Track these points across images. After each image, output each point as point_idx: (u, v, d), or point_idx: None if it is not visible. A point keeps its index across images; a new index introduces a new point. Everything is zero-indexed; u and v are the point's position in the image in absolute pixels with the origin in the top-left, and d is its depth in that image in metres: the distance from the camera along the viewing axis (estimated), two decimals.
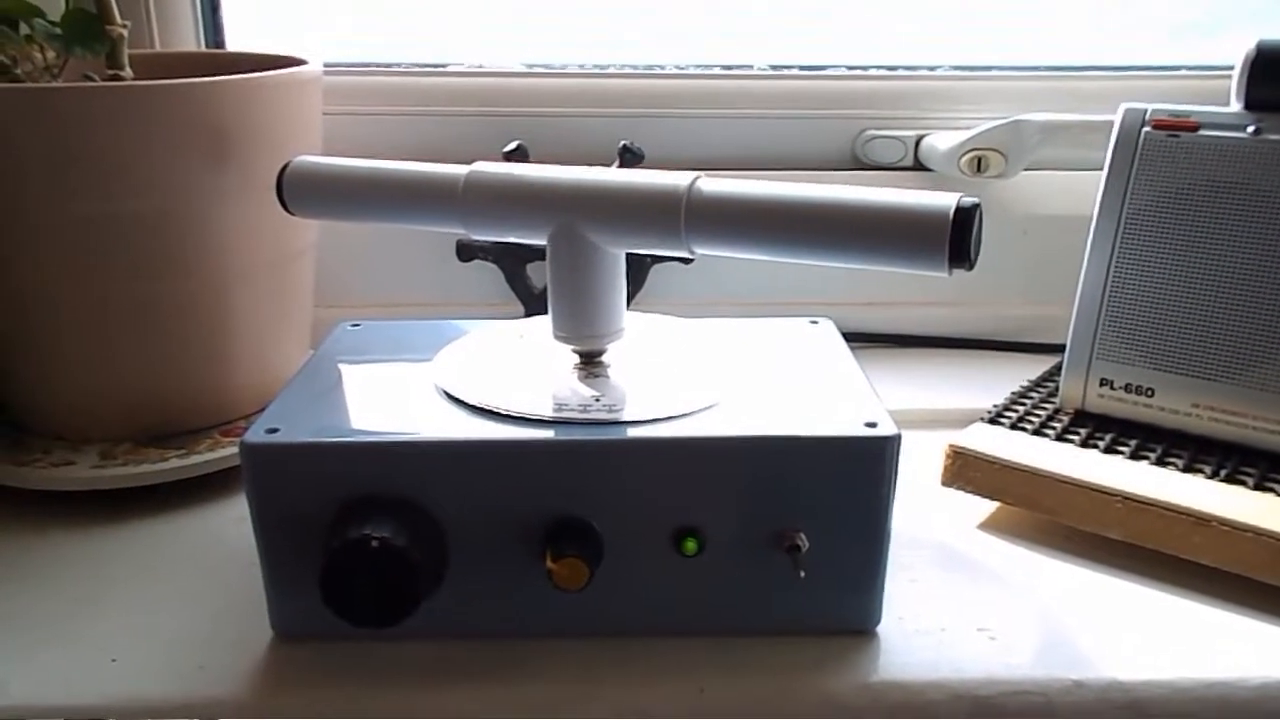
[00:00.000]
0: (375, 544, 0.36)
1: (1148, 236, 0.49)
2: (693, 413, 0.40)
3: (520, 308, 0.67)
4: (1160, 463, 0.48)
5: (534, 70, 0.70)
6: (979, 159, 0.66)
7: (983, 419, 0.52)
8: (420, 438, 0.38)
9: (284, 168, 0.45)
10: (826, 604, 0.40)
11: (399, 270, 0.69)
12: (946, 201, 0.36)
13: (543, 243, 0.42)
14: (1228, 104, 0.49)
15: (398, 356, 0.46)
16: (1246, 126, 0.48)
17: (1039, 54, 0.74)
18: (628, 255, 0.44)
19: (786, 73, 0.71)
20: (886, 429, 0.39)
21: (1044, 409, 0.53)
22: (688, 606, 0.40)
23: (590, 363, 0.44)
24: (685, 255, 0.41)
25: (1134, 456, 0.48)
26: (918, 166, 0.70)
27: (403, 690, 0.39)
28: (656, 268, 0.67)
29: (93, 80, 0.52)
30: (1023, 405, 0.54)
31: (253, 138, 0.50)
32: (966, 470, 0.49)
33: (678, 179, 0.40)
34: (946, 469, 0.50)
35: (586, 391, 0.42)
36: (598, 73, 0.70)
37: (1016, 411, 0.53)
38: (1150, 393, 0.50)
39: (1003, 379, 0.59)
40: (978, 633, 0.41)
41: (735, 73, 0.71)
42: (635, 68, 0.71)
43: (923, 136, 0.70)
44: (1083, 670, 0.39)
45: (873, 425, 0.39)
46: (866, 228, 0.37)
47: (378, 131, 0.68)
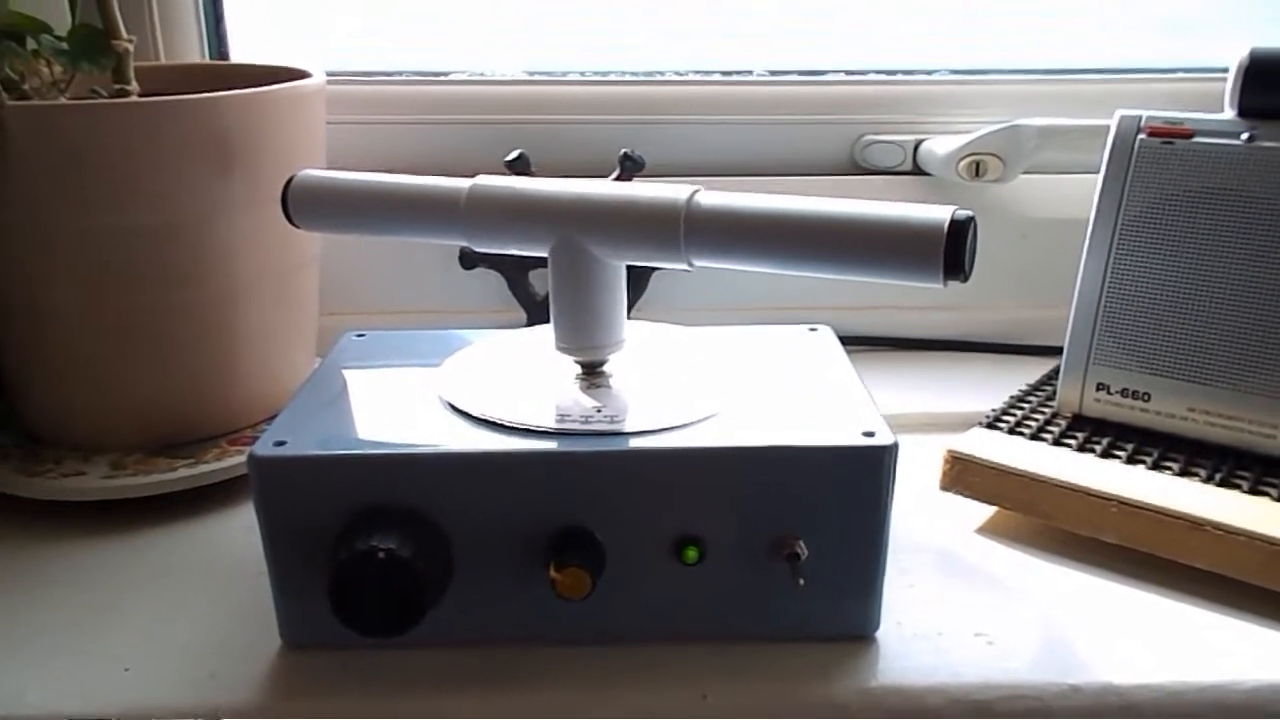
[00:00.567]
0: (382, 555, 0.37)
1: (1143, 243, 0.50)
2: (692, 423, 0.41)
3: (523, 314, 0.67)
4: (1156, 466, 0.48)
5: (535, 78, 0.71)
6: (977, 163, 0.66)
7: (981, 423, 0.53)
8: (425, 450, 0.39)
9: (289, 182, 0.45)
10: (826, 610, 0.41)
11: (403, 277, 0.70)
12: (941, 214, 0.37)
13: (544, 255, 0.43)
14: (1222, 109, 0.50)
15: (402, 367, 0.47)
16: (1240, 134, 0.48)
17: (1036, 55, 0.75)
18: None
19: (785, 78, 0.72)
20: (884, 438, 0.39)
21: (1042, 413, 0.54)
22: (689, 614, 0.41)
23: (592, 373, 0.45)
24: (684, 267, 0.42)
25: (1130, 460, 0.49)
26: (916, 171, 0.71)
27: (411, 697, 0.39)
28: (658, 274, 0.67)
29: (99, 94, 0.53)
30: (1021, 409, 0.54)
31: (258, 151, 0.51)
32: (965, 475, 0.50)
33: (676, 193, 0.41)
34: (945, 474, 0.50)
35: (588, 402, 0.42)
36: (599, 80, 0.70)
37: (1015, 415, 0.53)
38: (1147, 397, 0.50)
39: (1002, 382, 0.60)
40: (975, 637, 0.42)
41: (735, 79, 0.71)
42: (636, 75, 0.71)
43: (921, 141, 0.70)
44: (1078, 674, 0.40)
45: (870, 435, 0.40)
46: (863, 241, 0.38)
47: (380, 140, 0.69)
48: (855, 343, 0.70)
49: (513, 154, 0.63)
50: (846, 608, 0.41)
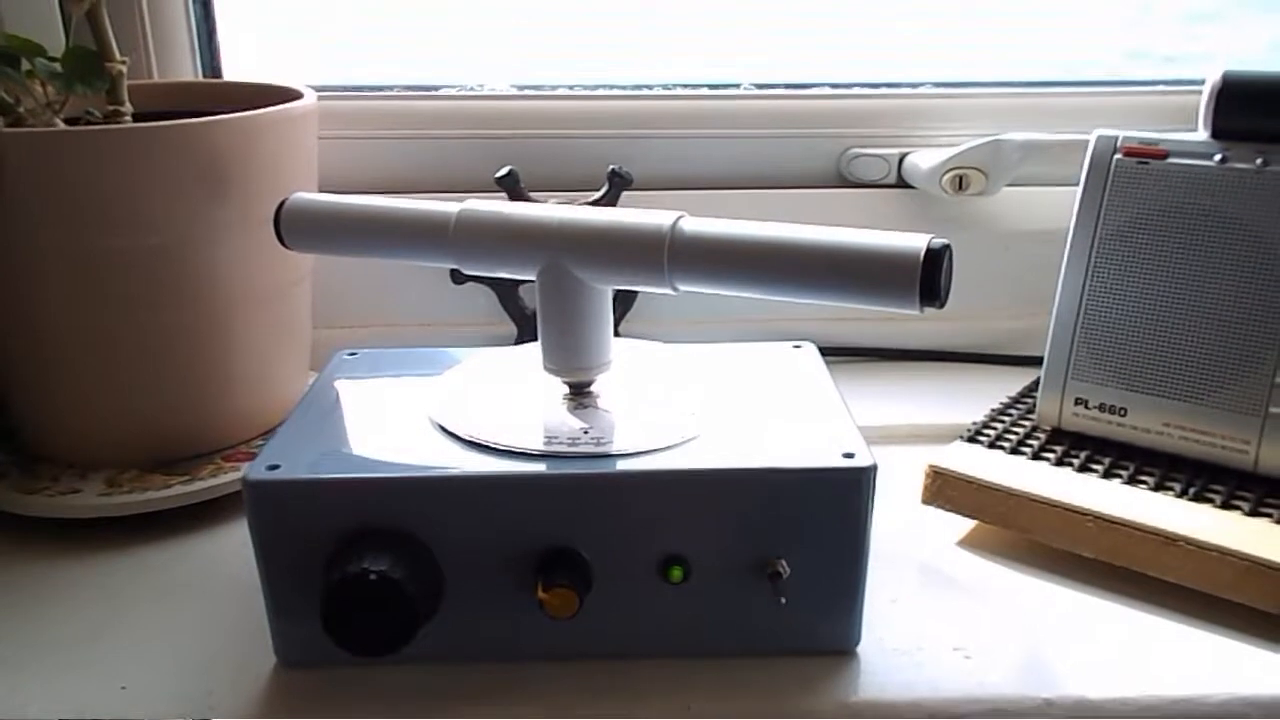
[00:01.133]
0: (373, 577, 0.37)
1: (1120, 261, 0.51)
2: (677, 445, 0.42)
3: (513, 328, 0.68)
4: (1132, 481, 0.49)
5: (524, 93, 0.72)
6: (960, 177, 0.67)
7: (962, 437, 0.54)
8: (415, 474, 0.40)
9: (280, 206, 0.46)
10: (808, 626, 0.42)
11: (396, 292, 0.70)
12: (917, 243, 0.38)
13: (533, 278, 0.44)
14: (1195, 128, 0.51)
15: (393, 388, 0.48)
16: (1213, 155, 0.49)
17: (1019, 69, 0.76)
18: None
19: (771, 92, 0.73)
20: (863, 459, 0.40)
21: (1022, 426, 0.55)
22: (675, 631, 0.42)
23: (579, 393, 0.46)
24: (669, 291, 0.43)
25: (1107, 475, 0.50)
26: (901, 184, 0.72)
27: (404, 713, 0.40)
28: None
29: (94, 115, 0.53)
30: (1001, 423, 0.55)
31: (251, 172, 0.52)
32: (945, 489, 0.51)
33: (661, 219, 0.42)
34: (926, 488, 0.51)
35: (575, 423, 0.43)
36: (586, 94, 0.71)
37: (995, 429, 0.54)
38: (1123, 412, 0.52)
39: (985, 392, 0.61)
40: (953, 651, 0.43)
41: (721, 93, 0.72)
42: (624, 88, 0.72)
43: (906, 154, 0.71)
44: (1053, 688, 0.41)
45: (850, 456, 0.41)
46: (841, 269, 0.39)
47: (371, 154, 0.70)
48: (839, 354, 0.71)
49: (502, 170, 0.64)
50: (828, 624, 0.42)
